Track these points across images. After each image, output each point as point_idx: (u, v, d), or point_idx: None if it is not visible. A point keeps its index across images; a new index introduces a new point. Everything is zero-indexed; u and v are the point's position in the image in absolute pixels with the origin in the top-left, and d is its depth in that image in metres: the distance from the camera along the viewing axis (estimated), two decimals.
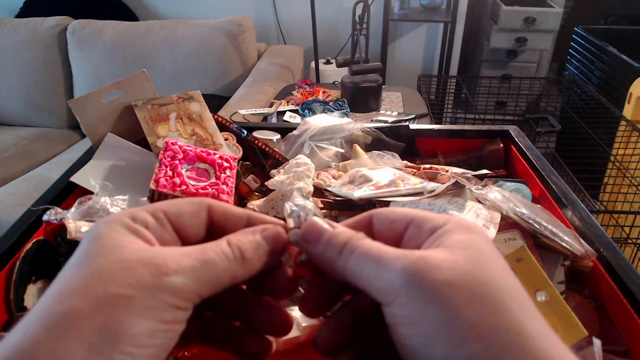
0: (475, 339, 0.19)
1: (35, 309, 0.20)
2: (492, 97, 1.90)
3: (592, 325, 0.49)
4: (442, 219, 0.24)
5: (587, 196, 1.21)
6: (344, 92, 1.46)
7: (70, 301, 0.19)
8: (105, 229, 0.23)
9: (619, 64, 1.63)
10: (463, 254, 0.22)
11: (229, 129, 0.74)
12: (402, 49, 2.59)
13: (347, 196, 0.58)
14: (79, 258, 0.22)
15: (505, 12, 2.10)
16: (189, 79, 2.01)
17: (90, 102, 0.70)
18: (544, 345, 0.19)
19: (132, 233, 0.23)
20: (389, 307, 0.22)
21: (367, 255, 0.23)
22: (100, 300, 0.19)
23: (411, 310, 0.20)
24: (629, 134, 1.42)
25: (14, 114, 2.13)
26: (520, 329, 0.20)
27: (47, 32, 2.07)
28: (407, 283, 0.21)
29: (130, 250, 0.22)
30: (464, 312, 0.20)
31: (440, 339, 0.20)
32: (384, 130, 0.79)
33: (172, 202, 0.26)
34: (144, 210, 0.24)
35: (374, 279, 0.22)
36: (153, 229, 0.24)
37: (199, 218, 0.26)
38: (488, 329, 0.19)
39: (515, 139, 0.77)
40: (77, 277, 0.21)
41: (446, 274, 0.21)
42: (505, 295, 0.21)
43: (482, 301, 0.20)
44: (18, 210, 1.50)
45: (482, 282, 0.21)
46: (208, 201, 0.26)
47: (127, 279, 0.20)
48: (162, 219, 0.24)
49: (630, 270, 0.49)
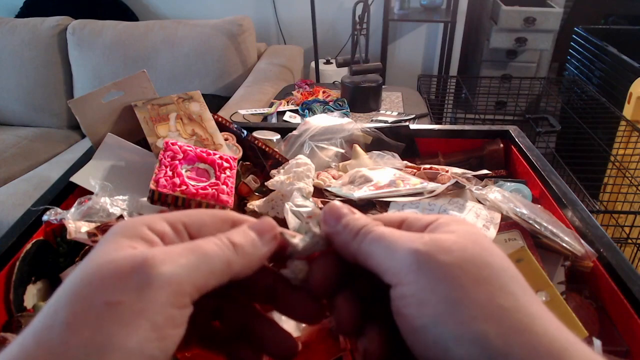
0: (484, 319, 0.19)
1: (35, 321, 0.19)
2: (492, 97, 1.90)
3: (592, 325, 0.49)
4: (434, 216, 0.25)
5: (587, 196, 1.21)
6: (344, 92, 1.46)
7: (60, 314, 0.19)
8: (112, 236, 0.21)
9: (619, 64, 1.63)
10: (469, 239, 0.22)
11: (229, 129, 0.74)
12: (402, 49, 2.59)
13: (347, 196, 0.58)
14: (79, 264, 0.21)
15: (505, 12, 2.10)
16: (189, 79, 2.01)
17: (90, 102, 0.70)
18: (551, 327, 0.20)
19: (142, 241, 0.21)
20: (398, 287, 0.22)
21: (381, 237, 0.23)
22: (87, 311, 0.18)
23: (421, 288, 0.21)
24: (629, 134, 1.42)
25: (14, 114, 2.13)
26: (527, 310, 0.20)
27: (47, 32, 2.07)
28: (418, 262, 0.21)
29: (124, 252, 0.20)
30: (472, 292, 0.20)
31: (450, 317, 0.20)
32: (384, 131, 0.79)
33: (195, 213, 0.24)
34: (163, 220, 0.23)
35: (385, 258, 0.22)
36: (169, 241, 0.22)
37: (220, 230, 0.24)
38: (497, 309, 0.20)
39: (515, 139, 0.77)
40: (70, 284, 0.20)
41: (456, 255, 0.21)
42: (511, 280, 0.21)
43: (490, 283, 0.20)
44: (18, 210, 1.50)
45: (489, 266, 0.21)
46: (233, 217, 0.25)
47: (116, 283, 0.19)
48: (181, 231, 0.23)
49: (631, 271, 0.49)
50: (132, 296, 0.19)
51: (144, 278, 0.19)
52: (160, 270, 0.19)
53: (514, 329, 0.19)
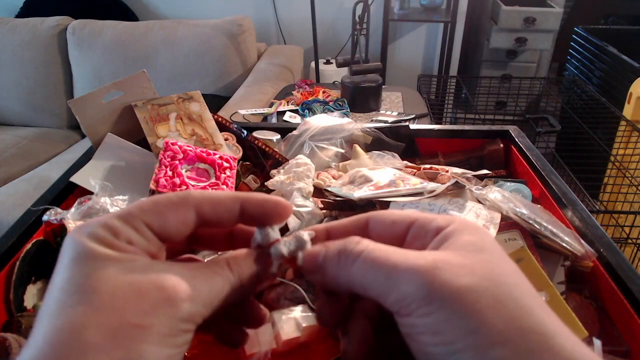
0: (502, 343, 0.19)
1: (39, 343, 0.18)
2: (492, 97, 1.90)
3: (592, 325, 0.49)
4: (446, 220, 0.24)
5: (587, 196, 1.21)
6: (344, 92, 1.46)
7: (85, 335, 0.18)
8: (91, 246, 0.20)
9: (619, 64, 1.63)
10: (477, 257, 0.21)
11: (229, 129, 0.74)
12: (402, 49, 2.59)
13: (347, 196, 0.58)
14: (77, 282, 0.20)
15: (505, 12, 2.10)
16: (189, 79, 2.01)
17: (90, 102, 0.70)
18: (567, 344, 0.19)
19: (119, 251, 0.21)
20: (406, 317, 0.21)
21: (376, 262, 0.22)
22: (117, 332, 0.19)
23: (434, 320, 0.20)
24: (629, 134, 1.42)
25: (14, 114, 2.13)
26: (544, 328, 0.20)
27: (47, 32, 2.07)
28: (428, 294, 0.20)
29: (136, 270, 0.21)
30: (489, 317, 0.19)
31: (467, 346, 0.19)
32: (384, 131, 0.79)
33: (151, 208, 0.22)
34: (122, 221, 0.22)
35: (387, 290, 0.21)
36: (137, 243, 0.22)
37: (184, 221, 0.23)
38: (514, 331, 0.19)
39: (515, 139, 0.77)
40: (85, 305, 0.19)
41: (466, 280, 0.20)
42: (525, 296, 0.21)
43: (505, 305, 0.20)
44: (18, 210, 1.50)
45: (501, 285, 0.20)
46: (193, 198, 0.23)
47: (142, 306, 0.20)
48: (144, 232, 0.22)
49: (630, 271, 0.49)
50: (160, 321, 0.20)
51: (172, 309, 0.20)
52: (186, 306, 0.21)
53: (531, 351, 0.19)
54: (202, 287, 0.22)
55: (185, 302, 0.21)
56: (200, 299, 0.21)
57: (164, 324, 0.20)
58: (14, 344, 0.46)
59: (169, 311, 0.20)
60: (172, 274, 0.21)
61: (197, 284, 0.22)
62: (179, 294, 0.20)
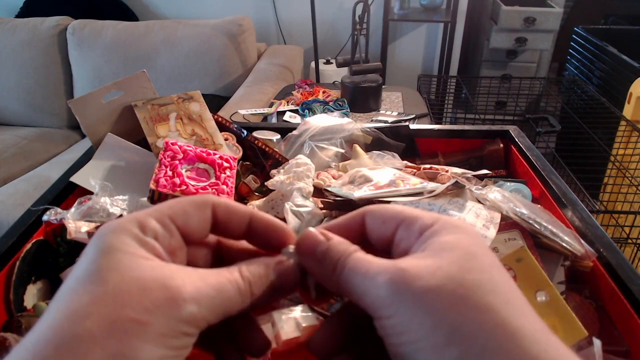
0: (457, 343, 0.19)
1: (43, 327, 0.19)
2: (492, 97, 1.90)
3: (592, 325, 0.49)
4: (430, 219, 0.24)
5: (587, 196, 1.21)
6: (344, 92, 1.46)
7: (83, 323, 0.19)
8: (115, 241, 0.22)
9: (619, 64, 1.63)
10: (447, 256, 0.22)
11: (229, 129, 0.74)
12: (402, 49, 2.59)
13: (347, 196, 0.58)
14: (90, 272, 0.21)
15: (505, 12, 2.10)
16: (189, 79, 2.01)
17: (90, 102, 0.70)
18: (533, 342, 0.19)
19: (143, 246, 0.22)
20: (378, 320, 0.22)
21: (356, 270, 0.23)
22: (114, 324, 0.19)
23: (398, 321, 0.21)
24: (629, 134, 1.42)
25: (14, 114, 2.13)
26: (506, 327, 0.19)
27: (47, 32, 2.07)
28: (391, 296, 0.21)
29: (146, 268, 0.21)
30: (447, 316, 0.20)
31: (427, 345, 0.20)
32: (384, 130, 0.79)
33: (177, 205, 0.25)
34: (152, 218, 0.23)
35: (363, 293, 0.22)
36: (162, 240, 0.23)
37: (204, 220, 0.25)
38: (472, 330, 0.19)
39: (515, 139, 0.77)
40: (91, 295, 0.20)
41: (426, 281, 0.21)
42: (490, 294, 0.20)
43: (465, 303, 0.20)
44: (18, 210, 1.50)
45: (464, 284, 0.21)
46: (212, 200, 0.26)
47: (144, 302, 0.20)
48: (170, 227, 0.24)
49: (630, 271, 0.49)
50: (159, 320, 0.20)
51: (173, 309, 0.20)
52: (189, 307, 0.21)
53: (487, 350, 0.19)
54: (209, 290, 0.22)
55: (188, 303, 0.21)
56: (206, 302, 0.21)
57: (164, 323, 0.20)
58: (14, 344, 0.46)
59: (170, 311, 0.20)
60: (179, 275, 0.21)
61: (203, 287, 0.22)
62: (182, 294, 0.21)
